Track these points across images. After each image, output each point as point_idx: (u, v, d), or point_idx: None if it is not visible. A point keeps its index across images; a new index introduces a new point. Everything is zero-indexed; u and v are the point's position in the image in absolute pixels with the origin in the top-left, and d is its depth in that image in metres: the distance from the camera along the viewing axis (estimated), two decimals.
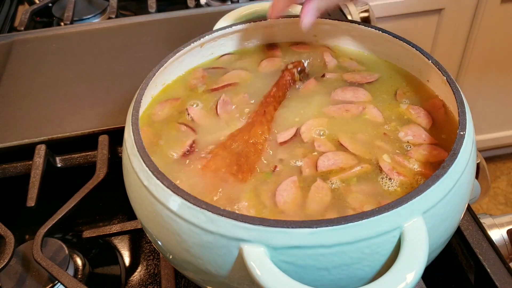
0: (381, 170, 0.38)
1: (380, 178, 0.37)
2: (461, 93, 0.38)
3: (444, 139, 0.40)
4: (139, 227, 0.49)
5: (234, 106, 0.44)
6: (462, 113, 0.36)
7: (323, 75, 0.47)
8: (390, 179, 0.37)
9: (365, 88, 0.45)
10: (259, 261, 0.28)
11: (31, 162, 0.54)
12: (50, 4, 0.89)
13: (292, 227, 0.29)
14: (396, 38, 0.45)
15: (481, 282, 0.43)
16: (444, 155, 0.38)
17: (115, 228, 0.50)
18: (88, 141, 0.56)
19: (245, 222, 0.29)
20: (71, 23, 0.81)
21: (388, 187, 0.36)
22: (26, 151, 0.55)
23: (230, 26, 0.48)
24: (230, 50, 0.51)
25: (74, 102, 0.60)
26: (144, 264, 0.52)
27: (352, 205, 0.35)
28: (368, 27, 0.46)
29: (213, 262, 0.31)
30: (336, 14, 0.76)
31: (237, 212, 0.33)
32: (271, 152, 0.39)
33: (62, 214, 0.47)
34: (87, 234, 0.50)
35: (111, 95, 0.61)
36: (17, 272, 0.46)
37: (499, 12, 1.30)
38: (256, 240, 0.29)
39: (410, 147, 0.39)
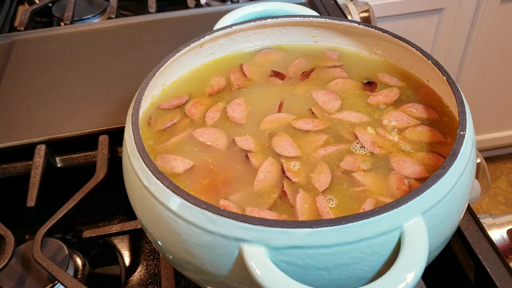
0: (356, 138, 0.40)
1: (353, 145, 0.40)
2: (461, 93, 0.38)
3: (445, 121, 0.41)
4: (139, 227, 0.49)
5: None
6: (462, 113, 0.36)
7: None
8: (362, 146, 0.39)
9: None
10: (259, 261, 0.28)
11: (31, 162, 0.54)
12: (50, 4, 0.89)
13: (292, 227, 0.29)
14: (396, 38, 0.45)
15: (481, 282, 0.43)
16: (439, 137, 0.40)
17: (115, 228, 0.50)
18: (88, 141, 0.56)
19: (245, 222, 0.29)
20: (71, 23, 0.81)
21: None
22: (26, 151, 0.55)
23: (230, 26, 0.48)
24: (235, 50, 0.50)
25: (74, 102, 0.60)
26: (144, 264, 0.52)
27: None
28: (368, 27, 0.46)
29: (213, 262, 0.31)
30: (336, 14, 0.76)
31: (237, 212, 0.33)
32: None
33: (62, 214, 0.47)
34: (87, 234, 0.50)
35: (111, 95, 0.61)
36: (17, 272, 0.46)
37: (499, 12, 1.30)
38: (256, 240, 0.29)
39: (395, 133, 0.41)
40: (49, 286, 0.45)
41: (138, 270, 0.51)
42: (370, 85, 0.46)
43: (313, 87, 0.46)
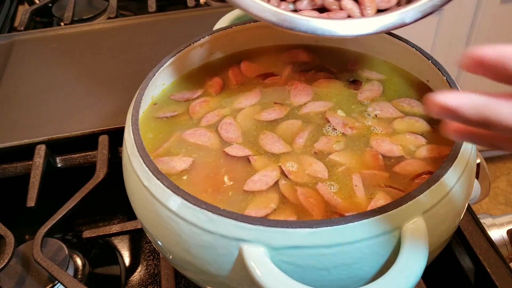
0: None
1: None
2: None
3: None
4: (139, 227, 0.49)
5: None
6: None
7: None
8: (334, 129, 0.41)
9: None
10: (259, 261, 0.28)
11: (31, 162, 0.54)
12: (50, 4, 0.89)
13: (292, 227, 0.29)
14: (396, 38, 0.45)
15: (481, 282, 0.43)
16: (427, 127, 0.41)
17: (115, 228, 0.50)
18: (88, 141, 0.56)
19: (245, 222, 0.29)
20: (71, 23, 0.81)
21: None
22: (26, 151, 0.54)
23: (230, 26, 0.48)
24: (235, 50, 0.50)
25: (74, 102, 0.60)
26: (144, 264, 0.52)
27: None
28: None
29: (213, 262, 0.31)
30: None
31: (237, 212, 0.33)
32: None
33: (62, 214, 0.47)
34: (87, 234, 0.50)
35: (111, 95, 0.61)
36: (17, 272, 0.46)
37: (499, 12, 1.30)
38: (256, 240, 0.29)
39: (371, 118, 0.42)
40: (49, 286, 0.45)
41: (138, 270, 0.51)
42: (355, 83, 0.46)
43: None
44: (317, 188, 0.36)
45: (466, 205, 0.36)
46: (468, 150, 0.34)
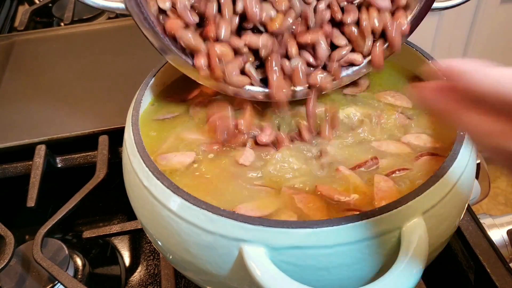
0: None
1: None
2: None
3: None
4: (139, 227, 0.49)
5: None
6: None
7: None
8: None
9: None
10: (259, 261, 0.28)
11: (31, 162, 0.54)
12: (50, 4, 0.89)
13: (292, 227, 0.29)
14: None
15: (481, 282, 0.43)
16: (405, 121, 0.41)
17: (115, 228, 0.50)
18: (88, 141, 0.56)
19: (245, 222, 0.29)
20: (71, 23, 0.81)
21: None
22: (26, 151, 0.55)
23: None
24: None
25: (74, 102, 0.60)
26: (144, 264, 0.52)
27: None
28: None
29: (213, 262, 0.31)
30: None
31: (237, 212, 0.33)
32: None
33: (62, 214, 0.47)
34: (87, 234, 0.50)
35: (111, 95, 0.61)
36: (17, 272, 0.46)
37: (498, 12, 1.30)
38: (256, 240, 0.29)
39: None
40: (49, 286, 0.45)
41: (138, 270, 0.51)
42: None
43: None
44: (317, 187, 0.35)
45: (466, 205, 0.36)
46: (468, 150, 0.34)
